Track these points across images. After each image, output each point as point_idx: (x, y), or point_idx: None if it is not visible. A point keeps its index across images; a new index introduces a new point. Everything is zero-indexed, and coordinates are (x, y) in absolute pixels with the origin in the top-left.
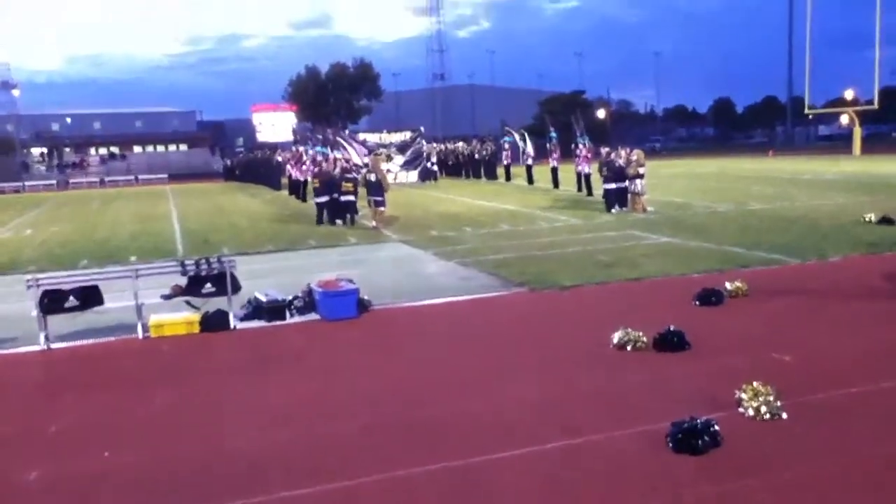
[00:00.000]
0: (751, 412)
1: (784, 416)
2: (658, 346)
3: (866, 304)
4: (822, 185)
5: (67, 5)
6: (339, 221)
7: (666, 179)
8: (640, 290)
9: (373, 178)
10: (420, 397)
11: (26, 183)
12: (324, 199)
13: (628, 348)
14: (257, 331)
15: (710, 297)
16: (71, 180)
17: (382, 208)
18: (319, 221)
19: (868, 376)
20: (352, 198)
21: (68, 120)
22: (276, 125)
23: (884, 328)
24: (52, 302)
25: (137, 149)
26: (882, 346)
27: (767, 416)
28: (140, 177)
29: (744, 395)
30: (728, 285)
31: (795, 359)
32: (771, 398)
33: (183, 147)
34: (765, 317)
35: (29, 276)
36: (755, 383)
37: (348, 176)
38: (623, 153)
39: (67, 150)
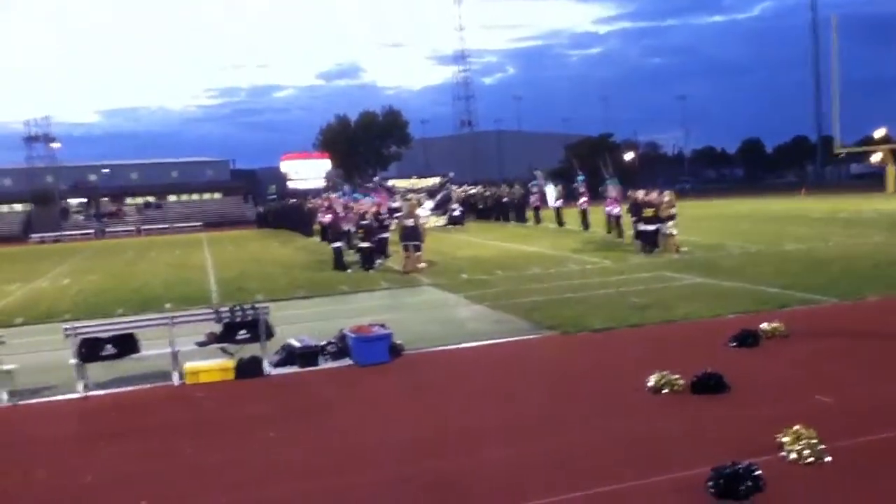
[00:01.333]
0: (793, 456)
1: (828, 459)
2: (696, 390)
3: None
4: (857, 223)
5: (103, 61)
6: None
7: (697, 221)
8: (674, 333)
9: (410, 223)
10: (452, 447)
11: (65, 233)
12: (339, 244)
13: (665, 391)
14: (290, 377)
15: (747, 339)
16: (108, 229)
17: (419, 253)
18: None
19: None
20: (368, 243)
21: (106, 171)
22: (306, 173)
23: None
24: (89, 350)
25: (173, 198)
26: None
27: (811, 459)
28: (175, 225)
29: (786, 439)
30: (765, 326)
31: (837, 401)
32: (814, 441)
33: (217, 195)
34: (804, 358)
35: (67, 325)
36: (797, 426)
37: (362, 223)
38: (653, 195)
39: (105, 199)
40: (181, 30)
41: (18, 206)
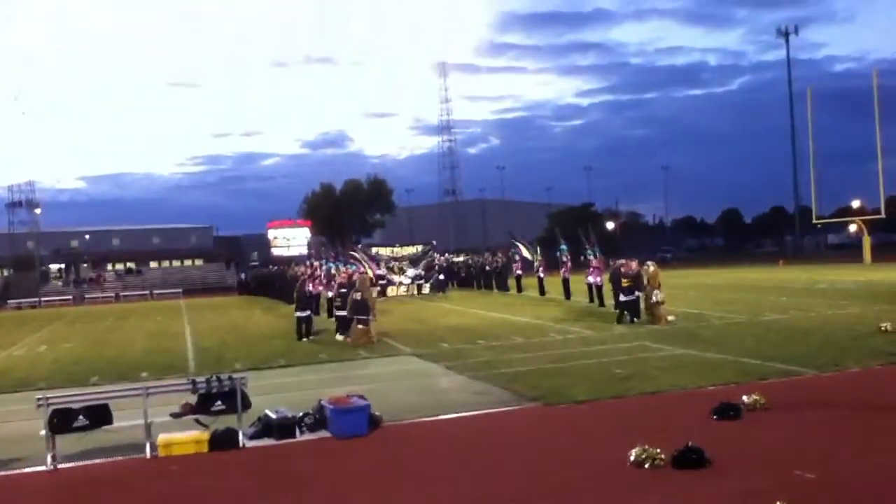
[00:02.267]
0: None
1: None
2: (677, 464)
3: (890, 416)
4: (835, 293)
5: (88, 128)
6: (338, 336)
7: (678, 290)
8: (656, 404)
9: (358, 296)
10: None
11: (43, 298)
12: (302, 313)
13: (646, 466)
14: (266, 449)
15: (729, 411)
16: (87, 295)
17: (365, 327)
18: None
19: None
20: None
21: (87, 237)
22: (290, 240)
23: None
24: (61, 421)
25: (154, 264)
26: None
27: None
28: (155, 292)
29: None
30: (745, 398)
31: (819, 476)
32: None
33: (199, 262)
34: (785, 431)
35: (39, 395)
36: (778, 503)
37: (341, 290)
38: (632, 264)
39: (85, 265)
40: (166, 97)
41: None
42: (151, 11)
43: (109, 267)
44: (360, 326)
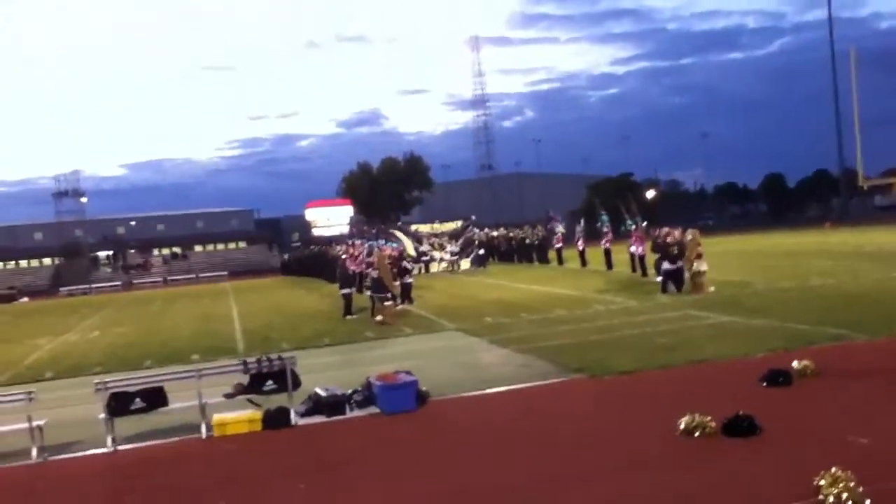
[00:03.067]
0: (831, 500)
1: (868, 503)
2: (727, 432)
3: None
4: (885, 257)
5: (128, 116)
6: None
7: (721, 257)
8: (703, 373)
9: (375, 274)
10: (482, 499)
11: (93, 285)
12: (347, 290)
13: (696, 434)
14: (317, 426)
15: (778, 378)
16: (135, 281)
17: (389, 303)
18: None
19: None
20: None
21: (133, 223)
22: (330, 220)
23: None
24: (118, 404)
25: (198, 248)
26: None
27: (850, 503)
28: (201, 275)
29: (823, 483)
30: (795, 364)
31: (873, 441)
32: (852, 485)
33: (242, 244)
34: (837, 397)
35: (97, 380)
36: (834, 469)
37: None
38: (676, 232)
39: (132, 251)
40: (202, 81)
41: (47, 260)
42: None
43: (155, 252)
44: (387, 304)
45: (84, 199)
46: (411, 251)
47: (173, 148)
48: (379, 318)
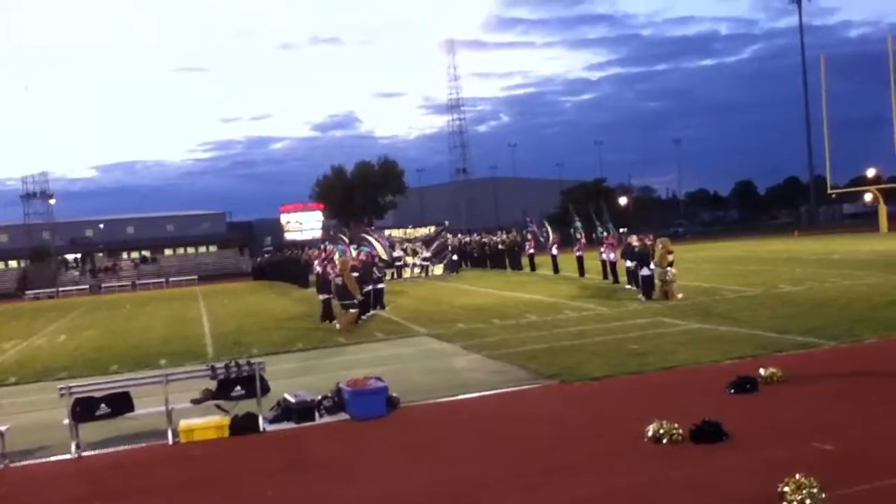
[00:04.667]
0: None
1: None
2: (695, 438)
3: None
4: (851, 264)
5: (99, 116)
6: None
7: (692, 264)
8: (672, 380)
9: (339, 281)
10: (450, 503)
11: (60, 288)
12: (326, 295)
13: (664, 441)
14: (286, 433)
15: (745, 385)
16: (103, 284)
17: (353, 311)
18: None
19: None
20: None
21: (101, 226)
22: (303, 224)
23: None
24: (83, 409)
25: (168, 252)
26: None
27: None
28: (171, 279)
29: (787, 489)
30: (762, 371)
31: (837, 447)
32: (815, 490)
33: (213, 248)
34: (802, 403)
35: (62, 384)
36: (798, 475)
37: (353, 274)
38: (646, 239)
39: (100, 255)
40: (173, 83)
41: (13, 263)
42: None
43: (125, 255)
44: (350, 311)
45: (52, 201)
46: (384, 255)
47: (145, 150)
48: (338, 325)
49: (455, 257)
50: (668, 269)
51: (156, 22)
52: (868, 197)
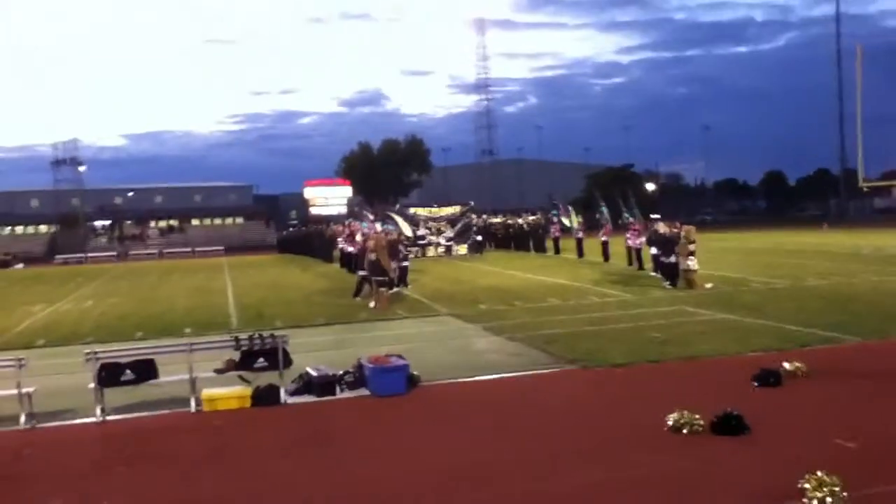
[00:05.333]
0: (815, 503)
1: None
2: (716, 430)
3: None
4: (881, 259)
5: (129, 85)
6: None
7: (719, 253)
8: (695, 370)
9: (373, 257)
10: (467, 484)
11: (89, 254)
12: (364, 272)
13: (684, 431)
14: (307, 406)
15: (769, 378)
16: (131, 252)
17: (383, 289)
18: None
19: None
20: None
21: (130, 194)
22: (328, 199)
23: None
24: (109, 375)
25: (195, 222)
26: None
27: None
28: (197, 249)
29: (807, 486)
30: (787, 365)
31: (861, 445)
32: (836, 489)
33: (239, 220)
34: (826, 399)
35: (88, 349)
36: (819, 472)
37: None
38: (673, 227)
39: (129, 222)
40: (203, 55)
41: (44, 228)
42: None
43: (152, 224)
44: (381, 290)
45: (82, 168)
46: (408, 233)
47: (174, 120)
48: (372, 303)
49: (479, 238)
50: (690, 259)
51: None
52: None
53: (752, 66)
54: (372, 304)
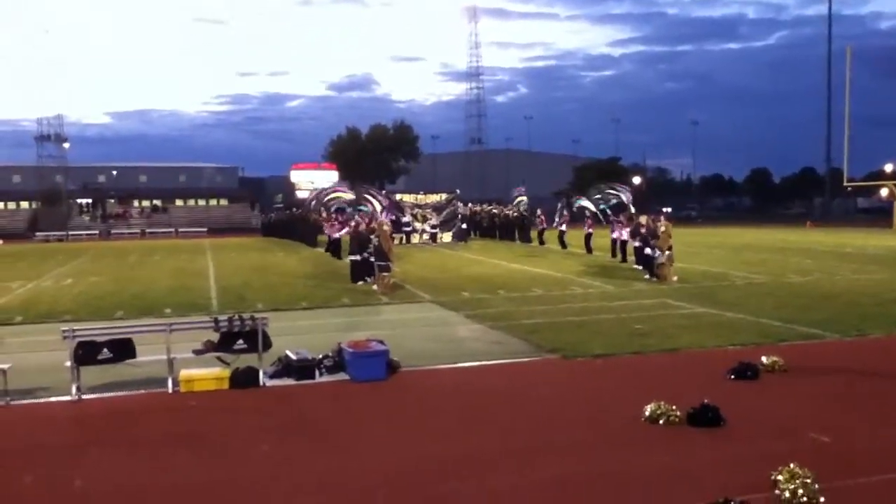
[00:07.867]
0: (787, 495)
1: (822, 500)
2: (692, 422)
3: None
4: (862, 258)
5: (116, 62)
6: (367, 279)
7: (703, 249)
8: (673, 362)
9: (376, 242)
10: (443, 472)
11: (70, 232)
12: (357, 257)
13: (661, 422)
14: (285, 389)
15: (746, 372)
16: (113, 231)
17: (386, 273)
18: (354, 279)
19: None
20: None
21: (114, 173)
22: (314, 183)
23: None
24: (86, 353)
25: (179, 202)
26: None
27: (805, 500)
28: (180, 230)
29: (780, 478)
30: (764, 360)
31: (834, 440)
32: (808, 481)
33: (224, 202)
34: (802, 394)
35: (65, 327)
36: (792, 465)
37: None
38: (651, 220)
39: (112, 201)
40: (191, 34)
41: (25, 204)
42: None
43: (136, 203)
44: (383, 274)
45: (66, 145)
46: (382, 218)
47: (160, 99)
48: (376, 287)
49: (464, 226)
50: (666, 251)
51: None
52: (884, 192)
53: (742, 63)
54: (375, 288)
